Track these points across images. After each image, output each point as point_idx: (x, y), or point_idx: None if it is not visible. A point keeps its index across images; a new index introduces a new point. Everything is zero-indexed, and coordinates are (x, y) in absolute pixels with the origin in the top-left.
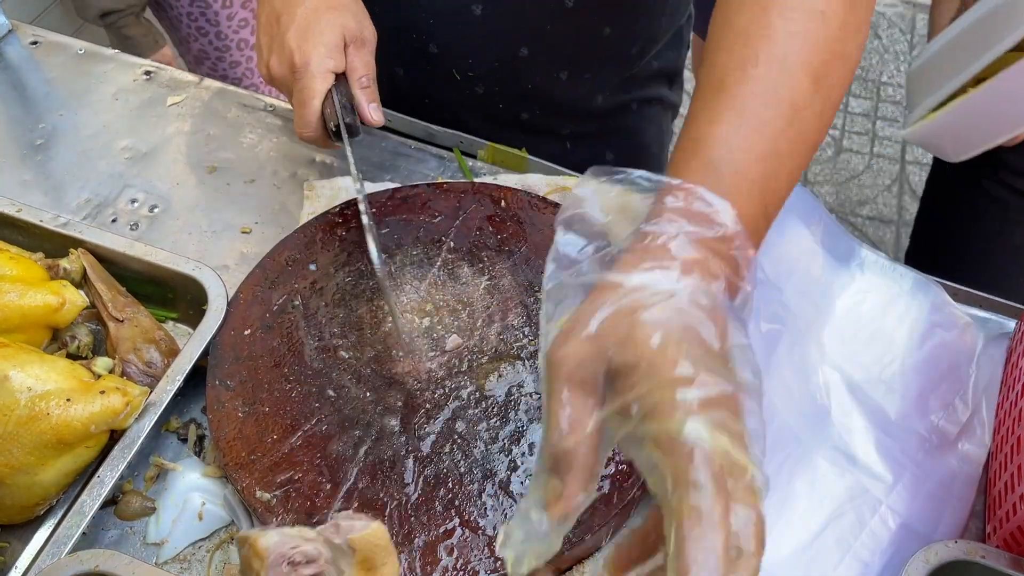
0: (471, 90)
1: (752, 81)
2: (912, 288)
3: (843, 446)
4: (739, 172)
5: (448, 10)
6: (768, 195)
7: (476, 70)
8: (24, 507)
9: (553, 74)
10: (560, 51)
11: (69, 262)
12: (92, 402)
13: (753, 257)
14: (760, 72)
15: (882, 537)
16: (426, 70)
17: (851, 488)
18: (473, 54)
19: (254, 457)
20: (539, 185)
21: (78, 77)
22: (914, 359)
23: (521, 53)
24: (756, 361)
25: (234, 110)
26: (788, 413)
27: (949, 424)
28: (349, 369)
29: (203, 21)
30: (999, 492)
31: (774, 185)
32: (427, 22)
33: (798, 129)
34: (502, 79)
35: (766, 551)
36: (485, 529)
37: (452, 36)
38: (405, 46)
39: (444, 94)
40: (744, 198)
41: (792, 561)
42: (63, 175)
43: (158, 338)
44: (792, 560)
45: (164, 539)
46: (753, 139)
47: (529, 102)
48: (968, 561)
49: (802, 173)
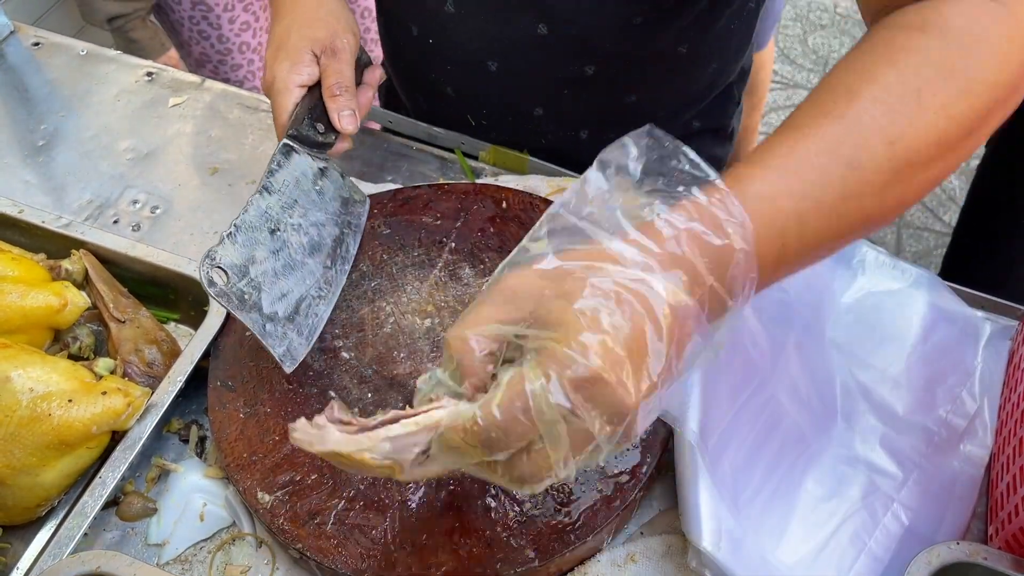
0: (487, 136)
1: (818, 128)
2: (914, 283)
3: (852, 444)
4: (764, 198)
5: (464, 61)
6: (790, 236)
7: (490, 120)
8: (26, 508)
9: (572, 133)
10: (578, 114)
11: (71, 263)
12: (94, 403)
13: (754, 280)
14: (829, 123)
15: (895, 534)
16: (443, 106)
17: (863, 486)
18: (488, 106)
19: (255, 458)
20: (540, 186)
21: (80, 78)
22: (919, 354)
23: (536, 112)
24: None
25: (236, 111)
26: (797, 413)
27: (957, 418)
28: (350, 370)
29: (205, 24)
30: (1001, 494)
31: (797, 229)
32: (444, 68)
33: (851, 187)
34: (517, 132)
35: (780, 552)
36: (486, 530)
37: (468, 86)
38: (424, 84)
39: (461, 129)
40: (764, 223)
41: (808, 561)
42: (65, 176)
43: (159, 339)
44: (808, 560)
45: (165, 540)
46: (796, 178)
47: (548, 155)
48: (970, 563)
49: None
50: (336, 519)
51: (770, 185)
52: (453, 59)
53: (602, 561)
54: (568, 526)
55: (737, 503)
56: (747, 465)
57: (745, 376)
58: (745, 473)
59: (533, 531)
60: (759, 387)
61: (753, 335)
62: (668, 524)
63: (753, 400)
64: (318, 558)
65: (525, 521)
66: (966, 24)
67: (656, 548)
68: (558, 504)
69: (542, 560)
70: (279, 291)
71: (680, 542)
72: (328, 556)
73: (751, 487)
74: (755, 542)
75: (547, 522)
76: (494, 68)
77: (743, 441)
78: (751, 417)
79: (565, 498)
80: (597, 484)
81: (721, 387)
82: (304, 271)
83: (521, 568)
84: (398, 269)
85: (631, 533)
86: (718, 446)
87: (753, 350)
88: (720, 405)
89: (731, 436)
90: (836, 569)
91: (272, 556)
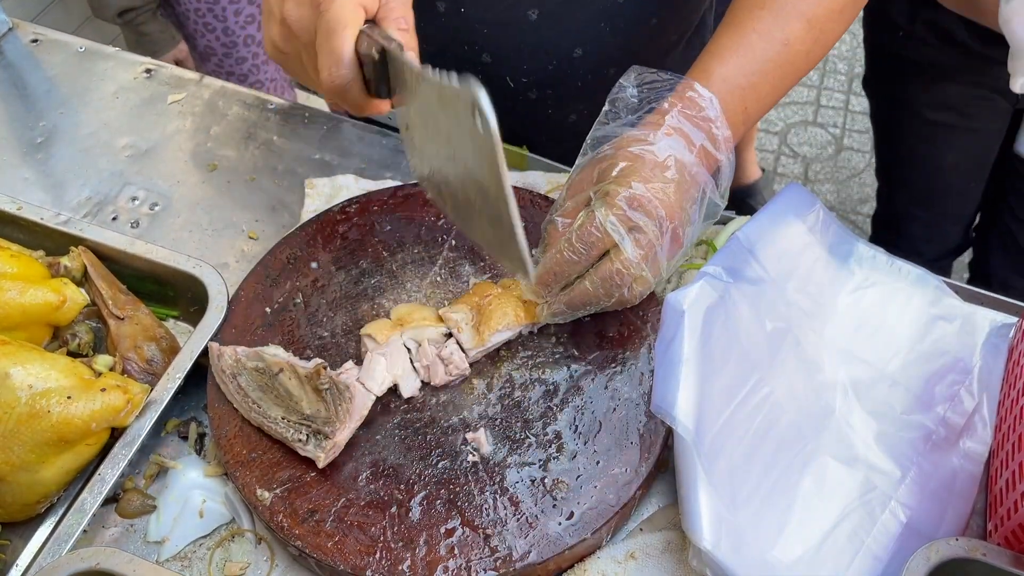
0: (523, 96)
1: (755, 20)
2: (912, 281)
3: (850, 443)
4: (726, 79)
5: (503, 19)
6: (749, 101)
7: (530, 76)
8: (25, 504)
9: (603, 71)
10: (612, 46)
11: (70, 260)
12: (93, 400)
13: (729, 136)
14: (763, 14)
15: (893, 532)
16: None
17: (861, 484)
18: (528, 59)
19: (255, 455)
20: (540, 183)
21: (79, 75)
22: (917, 352)
23: (576, 53)
24: (693, 211)
25: (235, 108)
26: (794, 412)
27: (955, 416)
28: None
29: (210, 17)
30: (1000, 490)
31: (754, 95)
32: (480, 32)
33: (786, 59)
34: (555, 81)
35: (778, 550)
36: (485, 528)
37: (507, 44)
38: (453, 59)
39: (497, 97)
40: (728, 97)
41: (805, 560)
42: (64, 173)
43: (159, 336)
44: (805, 559)
45: (165, 537)
46: (744, 60)
47: (577, 103)
48: (969, 559)
49: (786, 92)
50: (335, 516)
51: (728, 69)
52: (490, 20)
53: (602, 558)
54: (568, 524)
55: (735, 502)
56: (744, 463)
57: (742, 373)
58: (742, 471)
59: (533, 529)
60: (757, 385)
61: (750, 333)
62: (667, 521)
63: (751, 398)
64: (317, 555)
65: (525, 519)
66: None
67: (656, 545)
68: (557, 502)
69: (542, 558)
70: None
71: (679, 538)
72: (327, 553)
73: (748, 486)
74: (753, 541)
75: (547, 520)
76: (534, 17)
77: (740, 439)
78: (748, 415)
79: (565, 496)
80: (597, 482)
81: (718, 384)
82: None
83: (521, 565)
84: (398, 266)
85: (631, 530)
86: (715, 444)
87: (751, 348)
88: (717, 402)
89: (728, 434)
90: (834, 567)
91: (271, 553)
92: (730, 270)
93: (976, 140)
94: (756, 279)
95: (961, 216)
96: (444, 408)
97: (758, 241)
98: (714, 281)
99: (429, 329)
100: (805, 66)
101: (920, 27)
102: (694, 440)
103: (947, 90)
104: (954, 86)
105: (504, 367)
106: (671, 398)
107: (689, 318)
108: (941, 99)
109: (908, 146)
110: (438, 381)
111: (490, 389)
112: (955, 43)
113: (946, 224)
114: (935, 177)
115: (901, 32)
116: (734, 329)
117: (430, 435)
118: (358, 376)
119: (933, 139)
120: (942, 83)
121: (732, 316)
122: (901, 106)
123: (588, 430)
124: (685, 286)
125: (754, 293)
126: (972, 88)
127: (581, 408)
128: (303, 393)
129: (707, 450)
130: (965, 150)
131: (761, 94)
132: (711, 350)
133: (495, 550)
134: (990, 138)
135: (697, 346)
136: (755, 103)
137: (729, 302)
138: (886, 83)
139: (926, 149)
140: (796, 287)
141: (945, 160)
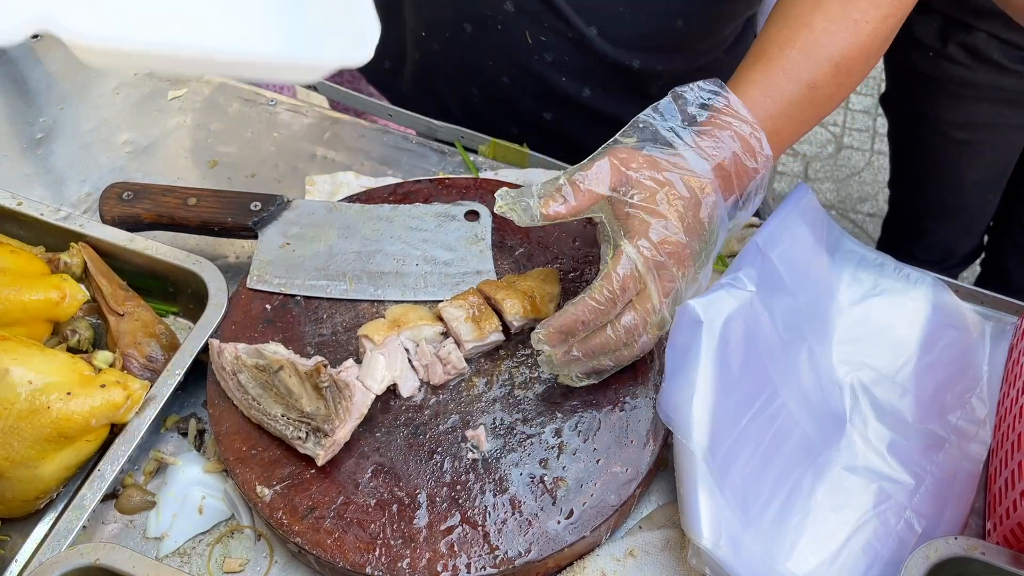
0: (538, 56)
1: (784, 59)
2: (919, 288)
3: (862, 453)
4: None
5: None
6: (771, 144)
7: (555, 51)
8: (25, 500)
9: (626, 52)
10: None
11: (70, 256)
12: (92, 396)
13: (769, 155)
14: (793, 54)
15: (909, 542)
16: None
17: (875, 495)
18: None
19: (255, 451)
20: (540, 180)
21: (79, 71)
22: (926, 360)
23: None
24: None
25: (235, 104)
26: (807, 423)
27: (968, 424)
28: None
29: None
30: (999, 489)
31: (776, 139)
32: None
33: (810, 102)
34: (574, 59)
35: (793, 562)
36: (485, 526)
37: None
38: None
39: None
40: None
41: (820, 571)
42: (64, 169)
43: (159, 332)
44: (820, 570)
45: (164, 533)
46: (770, 103)
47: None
48: (968, 558)
49: (809, 130)
50: (335, 513)
51: (752, 111)
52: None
53: (601, 556)
54: (567, 522)
55: (748, 515)
56: (757, 476)
57: (758, 384)
58: (755, 484)
59: (532, 527)
60: (771, 396)
61: (768, 343)
62: (667, 519)
63: (765, 409)
64: (316, 552)
65: (524, 517)
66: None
67: (655, 543)
68: (557, 500)
69: (541, 555)
70: None
71: (679, 536)
72: (326, 550)
73: (761, 499)
74: (766, 553)
75: (546, 518)
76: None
77: (754, 451)
78: (762, 427)
79: (565, 494)
80: (596, 480)
81: (734, 395)
82: None
83: (520, 563)
84: None
85: (630, 528)
86: (729, 456)
87: (768, 358)
88: (732, 414)
89: (742, 447)
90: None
91: (271, 549)
92: (751, 278)
93: (1000, 156)
94: (775, 287)
95: (978, 228)
96: (444, 406)
97: (775, 248)
98: (734, 291)
99: (426, 329)
100: (827, 109)
101: (953, 48)
102: (706, 455)
103: (977, 108)
104: (984, 104)
105: (504, 365)
106: (685, 413)
107: (707, 328)
108: (968, 117)
109: (928, 164)
110: (437, 380)
111: (490, 387)
112: (991, 62)
113: (961, 235)
114: (955, 194)
115: (931, 52)
116: (753, 340)
117: (430, 433)
118: (358, 374)
119: (957, 158)
120: (973, 102)
121: (751, 326)
122: (925, 124)
123: (588, 428)
124: (703, 294)
125: (773, 302)
126: (1004, 106)
127: (581, 406)
128: (303, 390)
129: (720, 462)
130: (989, 166)
131: (782, 137)
132: (728, 361)
133: (495, 548)
134: (1013, 152)
135: (714, 357)
136: (776, 147)
137: (749, 311)
138: (910, 102)
139: (949, 167)
140: (808, 295)
141: (966, 178)
